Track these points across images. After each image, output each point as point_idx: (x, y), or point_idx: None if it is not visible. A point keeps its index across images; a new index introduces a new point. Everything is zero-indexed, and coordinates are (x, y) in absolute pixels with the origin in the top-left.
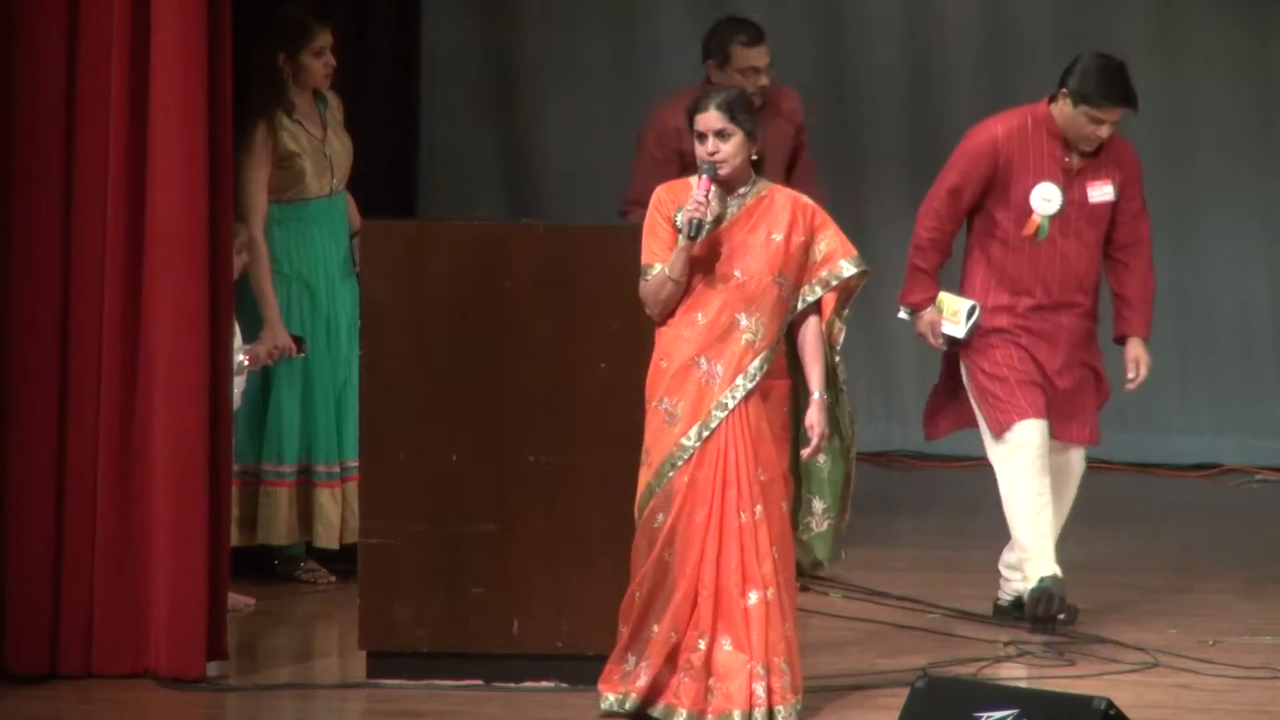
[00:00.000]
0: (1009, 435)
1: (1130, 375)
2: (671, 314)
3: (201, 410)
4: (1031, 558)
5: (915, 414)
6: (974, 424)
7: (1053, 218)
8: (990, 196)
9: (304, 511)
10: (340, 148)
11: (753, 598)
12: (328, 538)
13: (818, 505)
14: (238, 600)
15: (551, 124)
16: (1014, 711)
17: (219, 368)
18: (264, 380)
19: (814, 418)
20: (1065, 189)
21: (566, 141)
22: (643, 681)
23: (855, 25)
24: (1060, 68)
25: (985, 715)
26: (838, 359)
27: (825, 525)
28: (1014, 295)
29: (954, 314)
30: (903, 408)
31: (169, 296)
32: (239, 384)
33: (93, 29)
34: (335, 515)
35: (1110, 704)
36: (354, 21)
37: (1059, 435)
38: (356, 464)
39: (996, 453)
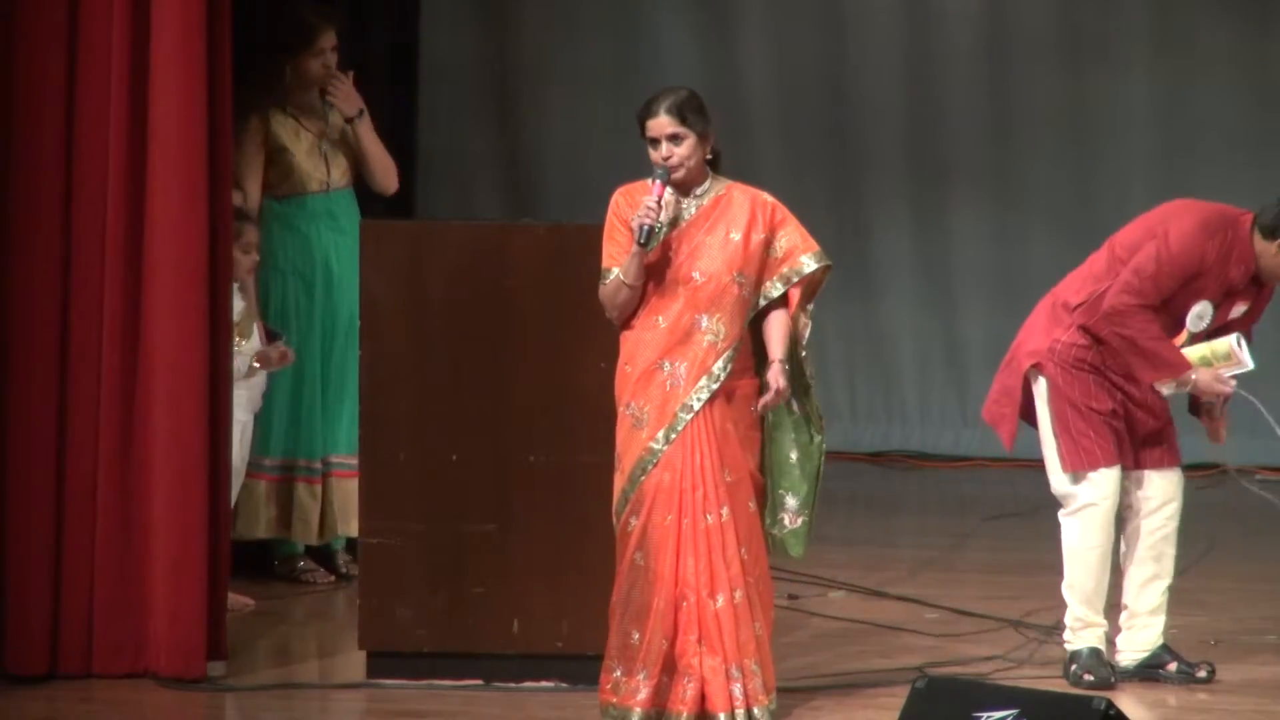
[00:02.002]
0: (1086, 483)
1: None
2: (632, 317)
3: (201, 410)
4: (1081, 625)
5: (915, 414)
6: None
7: (1195, 334)
8: None
9: (284, 507)
10: (339, 144)
11: (719, 600)
12: (305, 533)
13: (791, 502)
14: (237, 600)
15: (551, 124)
16: (1014, 711)
17: (219, 368)
18: None
19: (774, 373)
20: (1218, 306)
21: (566, 141)
22: (644, 695)
23: (855, 25)
24: (1059, 67)
25: (985, 715)
26: (804, 353)
27: (800, 521)
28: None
29: (1228, 356)
30: (903, 408)
31: (169, 297)
32: (259, 385)
33: (92, 30)
34: (313, 511)
35: (1110, 704)
36: (353, 22)
37: (1140, 464)
38: (340, 460)
39: (1068, 495)
